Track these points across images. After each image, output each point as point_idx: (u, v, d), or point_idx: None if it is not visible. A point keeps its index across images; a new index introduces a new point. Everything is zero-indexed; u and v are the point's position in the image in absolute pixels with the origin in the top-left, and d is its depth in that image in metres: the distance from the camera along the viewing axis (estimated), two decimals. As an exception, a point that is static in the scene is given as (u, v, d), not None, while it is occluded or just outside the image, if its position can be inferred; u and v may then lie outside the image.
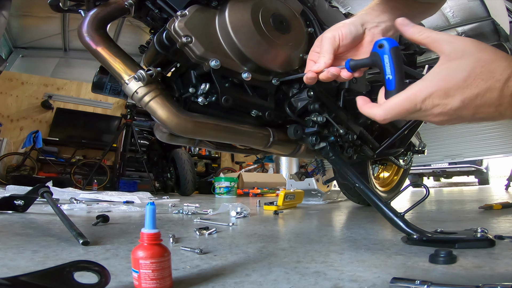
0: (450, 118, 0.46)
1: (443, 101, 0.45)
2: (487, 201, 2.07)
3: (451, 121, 0.47)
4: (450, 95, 0.44)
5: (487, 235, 0.74)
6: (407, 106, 0.47)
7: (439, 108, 0.45)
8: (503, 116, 0.45)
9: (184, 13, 0.78)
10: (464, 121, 0.47)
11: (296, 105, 0.97)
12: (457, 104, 0.44)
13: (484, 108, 0.44)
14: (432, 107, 0.45)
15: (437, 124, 0.49)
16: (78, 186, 4.69)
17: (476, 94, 0.43)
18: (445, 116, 0.46)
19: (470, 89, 0.43)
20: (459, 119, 0.46)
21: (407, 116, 0.48)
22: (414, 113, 0.47)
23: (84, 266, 0.41)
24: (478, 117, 0.45)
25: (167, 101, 0.79)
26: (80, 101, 6.42)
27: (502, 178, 7.59)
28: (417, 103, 0.46)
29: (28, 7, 5.39)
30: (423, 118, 0.49)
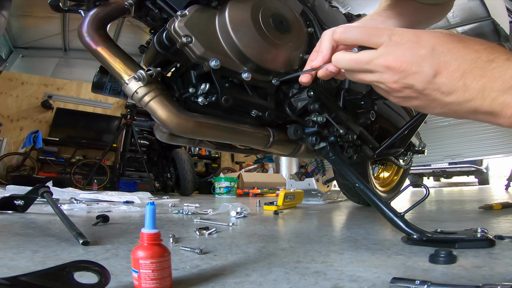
0: (412, 67, 0.43)
1: (412, 42, 0.43)
2: (487, 201, 2.07)
3: (411, 74, 0.43)
4: (421, 36, 0.43)
5: (487, 235, 0.74)
6: (371, 31, 0.46)
7: (405, 47, 0.43)
8: (465, 91, 0.40)
9: (184, 13, 0.78)
10: (423, 85, 0.43)
11: (296, 105, 0.97)
12: (426, 50, 0.42)
13: (450, 68, 0.41)
14: (398, 43, 0.44)
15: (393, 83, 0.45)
16: (78, 186, 4.69)
17: (450, 49, 0.41)
18: (407, 61, 0.43)
19: (444, 41, 0.42)
20: (419, 75, 0.43)
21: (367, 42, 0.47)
22: (373, 45, 0.46)
23: (84, 266, 0.41)
24: (439, 82, 0.42)
25: (167, 101, 0.79)
26: (80, 101, 6.42)
27: (502, 178, 7.59)
28: (383, 33, 0.45)
29: (28, 7, 5.39)
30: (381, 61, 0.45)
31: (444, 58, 0.41)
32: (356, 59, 0.48)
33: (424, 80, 0.42)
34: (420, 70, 0.42)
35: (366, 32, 0.47)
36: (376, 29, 0.47)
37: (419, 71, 0.42)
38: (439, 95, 0.42)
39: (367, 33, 0.47)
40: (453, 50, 0.41)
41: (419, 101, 0.45)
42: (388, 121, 1.50)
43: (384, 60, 0.44)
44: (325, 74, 0.57)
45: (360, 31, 0.48)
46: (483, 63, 0.39)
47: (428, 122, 1.88)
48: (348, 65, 0.49)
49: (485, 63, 0.39)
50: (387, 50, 0.44)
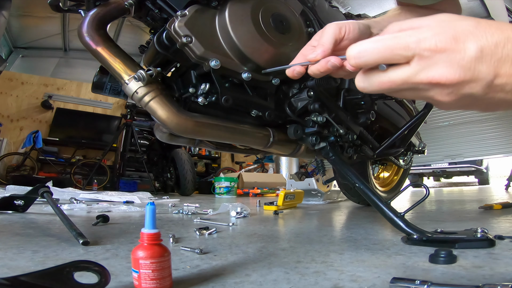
0: (465, 75, 0.35)
1: (452, 45, 0.34)
2: (487, 201, 2.07)
3: (467, 82, 0.35)
4: (461, 40, 0.34)
5: (487, 235, 0.74)
6: (392, 43, 0.36)
7: (448, 55, 0.34)
8: None
9: (184, 13, 0.78)
10: (483, 91, 0.36)
11: (296, 105, 0.97)
12: (474, 51, 0.34)
13: (506, 66, 0.34)
14: (435, 49, 0.35)
15: (447, 90, 0.37)
16: (78, 186, 4.69)
17: (496, 43, 0.34)
18: (458, 70, 0.34)
19: (486, 36, 0.34)
20: (477, 81, 0.35)
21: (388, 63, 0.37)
22: (403, 58, 0.36)
23: (84, 266, 0.41)
24: (501, 83, 0.35)
25: (167, 101, 0.79)
26: (80, 101, 6.42)
27: (502, 178, 7.59)
28: (409, 42, 0.36)
29: (28, 7, 5.39)
30: (423, 74, 0.36)
31: (496, 56, 0.34)
32: (388, 81, 0.38)
33: (484, 86, 0.35)
34: (476, 77, 0.35)
35: (387, 48, 0.37)
36: (397, 39, 0.37)
37: (476, 78, 0.35)
38: (504, 95, 0.36)
39: (389, 49, 0.37)
40: (500, 44, 0.34)
41: (480, 106, 0.39)
42: (388, 121, 1.50)
43: (426, 77, 0.36)
44: (326, 70, 0.47)
45: (379, 48, 0.37)
46: None
47: (428, 122, 1.88)
48: (380, 89, 0.40)
49: None
50: (424, 63, 0.36)
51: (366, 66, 0.40)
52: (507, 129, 3.36)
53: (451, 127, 3.65)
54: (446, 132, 3.66)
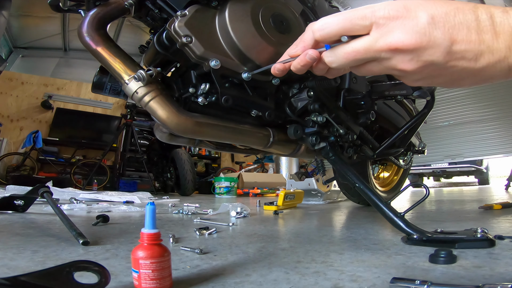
0: (422, 39, 0.36)
1: (404, 13, 0.37)
2: (487, 201, 2.07)
3: (425, 48, 0.37)
4: (412, 9, 0.37)
5: (487, 235, 0.74)
6: (350, 14, 0.39)
7: (401, 22, 0.37)
8: (493, 52, 0.36)
9: (184, 13, 0.78)
10: (443, 57, 0.37)
11: (296, 105, 0.97)
12: (426, 18, 0.36)
13: (462, 31, 0.36)
14: (389, 17, 0.37)
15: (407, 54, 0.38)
16: (78, 186, 4.69)
17: (446, 12, 0.36)
18: (414, 35, 0.36)
19: (435, 6, 0.37)
20: (434, 47, 0.37)
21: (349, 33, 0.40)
22: (362, 27, 0.39)
23: (84, 266, 0.41)
24: (460, 49, 0.36)
25: (167, 101, 0.79)
26: (80, 101, 6.43)
27: (502, 178, 7.59)
28: (365, 12, 0.39)
29: (28, 7, 5.40)
30: (382, 40, 0.38)
31: (449, 24, 0.36)
32: (352, 51, 0.41)
33: (443, 52, 0.36)
34: (433, 42, 0.36)
35: (346, 19, 0.40)
36: (354, 11, 0.40)
37: (433, 43, 0.36)
38: (467, 63, 0.37)
39: (348, 20, 0.40)
40: (450, 14, 0.36)
41: (445, 77, 0.40)
42: (388, 121, 1.50)
43: (385, 43, 0.38)
44: (305, 63, 0.48)
45: (339, 19, 0.41)
46: (487, 20, 0.36)
47: (428, 122, 1.88)
48: (346, 61, 0.42)
49: (488, 20, 0.36)
50: (381, 30, 0.38)
51: (329, 38, 0.43)
52: (507, 129, 3.36)
53: (451, 127, 3.65)
54: (446, 132, 3.66)
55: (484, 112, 3.43)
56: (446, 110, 3.59)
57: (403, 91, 1.07)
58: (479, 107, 3.45)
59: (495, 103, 3.36)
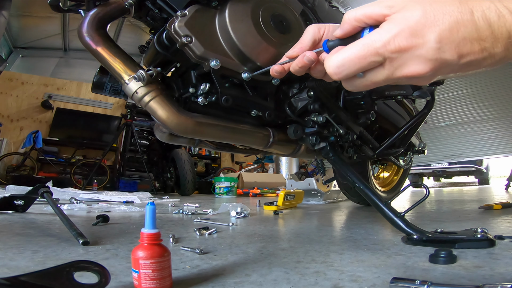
0: (434, 65, 0.39)
1: (413, 40, 0.38)
2: (487, 201, 2.07)
3: (438, 69, 0.39)
4: (419, 35, 0.38)
5: (487, 235, 0.74)
6: (363, 52, 0.40)
7: (413, 52, 0.38)
8: (494, 56, 0.38)
9: (184, 13, 0.78)
10: (454, 68, 0.40)
11: (296, 105, 0.97)
12: (434, 42, 0.38)
13: (467, 46, 0.38)
14: (400, 49, 0.39)
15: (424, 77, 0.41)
16: (78, 186, 4.69)
17: (449, 29, 0.37)
18: (428, 63, 0.39)
19: (439, 25, 0.38)
20: (446, 65, 0.39)
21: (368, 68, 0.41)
22: (377, 63, 0.40)
23: (84, 266, 0.41)
24: (467, 61, 0.39)
25: (167, 101, 0.79)
26: (80, 101, 6.43)
27: (502, 178, 7.59)
28: (377, 48, 0.39)
29: (28, 7, 5.40)
30: (398, 72, 0.40)
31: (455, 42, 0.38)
32: (371, 83, 0.43)
33: (454, 67, 0.39)
34: (444, 63, 0.39)
35: (361, 58, 0.41)
36: (365, 47, 0.40)
37: (444, 64, 0.39)
38: (473, 68, 0.40)
39: (363, 58, 0.41)
40: (453, 30, 0.38)
41: (455, 76, 0.43)
42: (388, 121, 1.50)
43: (402, 74, 0.41)
44: (302, 64, 0.49)
45: (354, 61, 0.41)
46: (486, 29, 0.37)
47: (428, 122, 1.88)
48: (365, 89, 0.44)
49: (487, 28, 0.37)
50: (396, 63, 0.40)
51: (346, 77, 0.44)
52: (507, 129, 3.36)
53: (451, 127, 3.65)
54: (446, 132, 3.66)
55: (484, 112, 3.42)
56: (446, 110, 3.59)
57: (403, 91, 1.07)
58: (479, 107, 3.45)
59: (495, 103, 3.36)
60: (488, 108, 3.42)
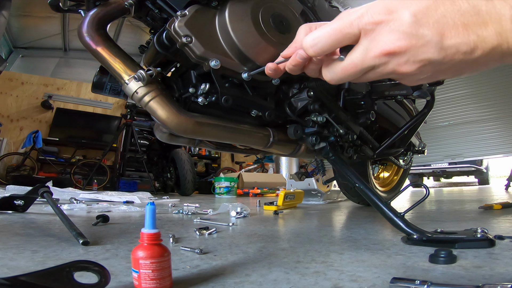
0: (411, 40, 0.37)
1: (388, 15, 0.37)
2: (487, 201, 2.07)
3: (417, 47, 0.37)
4: (394, 11, 0.37)
5: (487, 235, 0.74)
6: (338, 25, 0.40)
7: (387, 25, 0.37)
8: (485, 40, 0.36)
9: (184, 13, 0.78)
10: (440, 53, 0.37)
11: (296, 105, 0.97)
12: (409, 16, 0.36)
13: (448, 24, 0.36)
14: (374, 22, 0.38)
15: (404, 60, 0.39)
16: (78, 186, 4.69)
17: (426, 7, 0.36)
18: (403, 36, 0.37)
19: (415, 3, 0.37)
20: (426, 44, 0.37)
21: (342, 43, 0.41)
22: (352, 36, 0.40)
23: (84, 266, 0.41)
24: (453, 43, 0.36)
25: (167, 101, 0.79)
26: (80, 101, 6.43)
27: (502, 178, 7.59)
28: (351, 20, 0.39)
29: (28, 7, 5.40)
30: (374, 47, 0.39)
31: (433, 18, 0.36)
32: (348, 64, 0.42)
33: (436, 47, 0.37)
34: (423, 40, 0.37)
35: (335, 29, 0.41)
36: (341, 20, 0.40)
37: (423, 41, 0.37)
38: (463, 56, 0.37)
39: (337, 30, 0.40)
40: (431, 8, 0.36)
41: (445, 73, 0.40)
42: (388, 121, 1.50)
43: (377, 48, 0.38)
44: (296, 63, 0.49)
45: (329, 32, 0.41)
46: (470, 10, 0.36)
47: (428, 122, 1.88)
48: (344, 75, 0.43)
49: (472, 10, 0.36)
50: (370, 36, 0.39)
51: (324, 52, 0.43)
52: (507, 129, 3.36)
53: (451, 127, 3.65)
54: (446, 132, 3.66)
55: (484, 112, 3.43)
56: (446, 110, 3.59)
57: (403, 91, 1.07)
58: (479, 107, 3.45)
59: (495, 103, 3.36)
60: (488, 108, 3.42)
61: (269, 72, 0.54)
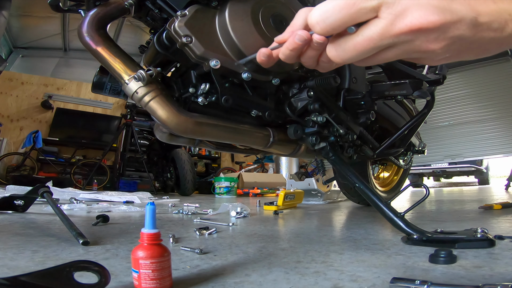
0: (444, 15, 0.33)
1: None
2: (487, 201, 2.07)
3: (450, 22, 0.33)
4: None
5: (487, 235, 0.74)
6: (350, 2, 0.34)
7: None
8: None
9: (184, 13, 0.78)
10: (471, 30, 0.34)
11: (296, 105, 0.97)
12: None
13: (481, 5, 0.34)
14: None
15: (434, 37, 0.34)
16: (78, 186, 4.70)
17: None
18: (436, 11, 0.33)
19: None
20: (459, 20, 0.33)
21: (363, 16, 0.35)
22: (369, 10, 0.34)
23: (84, 266, 0.41)
24: (486, 21, 0.34)
25: (167, 101, 0.79)
26: (80, 101, 6.43)
27: (502, 178, 7.59)
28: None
29: (28, 7, 5.40)
30: (399, 23, 0.34)
31: None
32: (364, 41, 0.35)
33: (470, 25, 0.33)
34: (457, 16, 0.33)
35: (348, 3, 0.35)
36: None
37: (457, 17, 0.33)
38: (494, 34, 0.34)
39: (351, 4, 0.34)
40: None
41: (472, 51, 0.37)
42: (388, 121, 1.50)
43: (405, 24, 0.33)
44: (294, 46, 0.42)
45: (341, 5, 0.35)
46: None
47: (428, 122, 1.88)
48: (357, 53, 0.37)
49: None
50: (394, 10, 0.34)
51: (333, 31, 0.37)
52: (507, 129, 3.36)
53: (451, 127, 3.65)
54: (446, 132, 3.66)
55: (484, 112, 3.43)
56: (446, 110, 3.59)
57: (403, 91, 1.07)
58: (479, 107, 3.45)
59: (495, 103, 3.36)
60: (488, 108, 3.42)
61: (262, 59, 0.48)
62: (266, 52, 0.47)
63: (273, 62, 0.48)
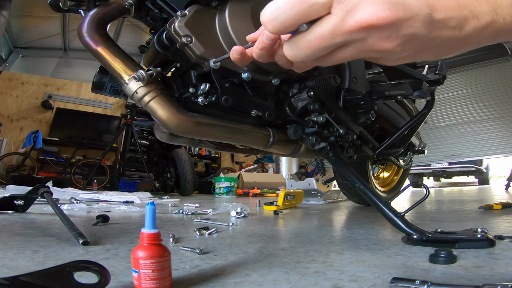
0: (396, 11, 0.31)
1: None
2: (487, 201, 2.07)
3: (403, 19, 0.32)
4: None
5: (487, 235, 0.74)
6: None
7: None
8: (478, 17, 0.32)
9: (184, 13, 0.78)
10: (426, 28, 0.32)
11: (296, 105, 0.97)
12: None
13: (439, 2, 0.32)
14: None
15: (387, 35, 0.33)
16: (78, 186, 4.69)
17: None
18: (387, 6, 0.31)
19: None
20: (412, 16, 0.32)
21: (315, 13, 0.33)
22: (320, 6, 0.32)
23: (84, 266, 0.41)
24: (443, 17, 0.32)
25: (167, 101, 0.79)
26: (80, 101, 6.43)
27: (502, 178, 7.60)
28: None
29: (28, 7, 5.40)
30: (350, 18, 0.32)
31: None
32: (315, 38, 0.34)
33: (424, 21, 0.32)
34: (410, 12, 0.31)
35: (299, 1, 0.33)
36: None
37: (411, 14, 0.31)
38: (452, 32, 0.33)
39: (302, 0, 0.33)
40: None
41: (429, 51, 0.35)
42: (388, 121, 1.50)
43: (355, 21, 0.32)
44: (263, 45, 0.40)
45: (292, 2, 0.33)
46: None
47: (428, 122, 1.88)
48: (310, 52, 0.35)
49: None
50: (345, 6, 0.32)
51: (286, 29, 0.35)
52: (507, 129, 3.36)
53: (451, 127, 3.64)
54: (446, 132, 3.66)
55: (484, 112, 3.42)
56: (446, 110, 3.59)
57: (403, 91, 1.07)
58: (479, 107, 3.45)
59: (495, 103, 3.36)
60: (488, 108, 3.42)
61: (235, 57, 0.45)
62: (239, 50, 0.44)
63: (248, 61, 0.46)
